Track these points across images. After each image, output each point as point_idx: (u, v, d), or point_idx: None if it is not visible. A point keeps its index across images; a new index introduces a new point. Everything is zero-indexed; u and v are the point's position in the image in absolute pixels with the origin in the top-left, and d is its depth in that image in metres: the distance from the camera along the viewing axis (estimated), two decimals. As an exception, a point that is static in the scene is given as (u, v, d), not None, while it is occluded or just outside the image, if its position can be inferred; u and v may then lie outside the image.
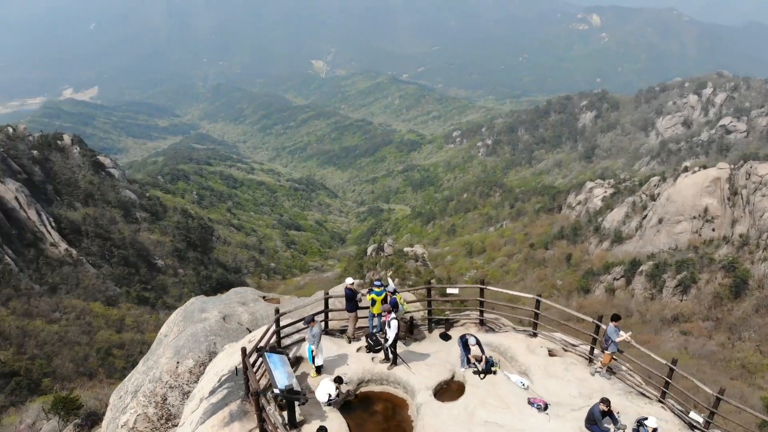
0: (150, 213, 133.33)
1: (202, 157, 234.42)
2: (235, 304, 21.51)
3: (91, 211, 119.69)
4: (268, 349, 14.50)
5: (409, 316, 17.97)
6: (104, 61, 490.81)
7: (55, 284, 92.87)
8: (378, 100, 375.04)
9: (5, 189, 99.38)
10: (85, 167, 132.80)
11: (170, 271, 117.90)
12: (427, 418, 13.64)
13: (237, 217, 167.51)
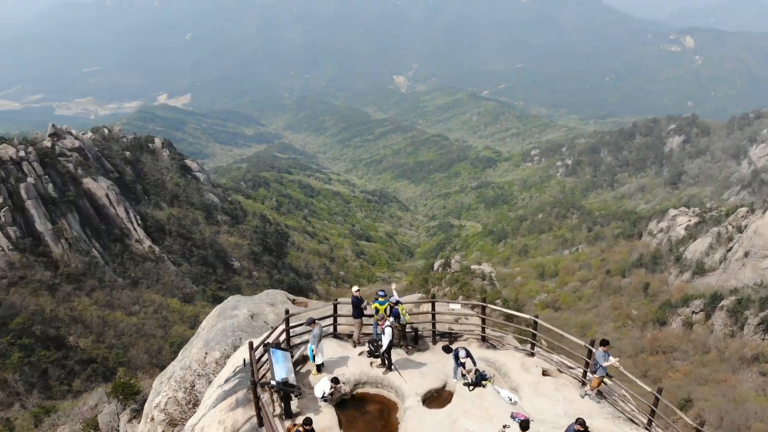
0: (230, 216, 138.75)
1: (283, 165, 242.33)
2: (264, 304, 22.74)
3: (176, 211, 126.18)
4: (273, 345, 15.61)
5: (414, 327, 18.72)
6: (198, 71, 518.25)
7: (137, 279, 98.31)
8: (456, 116, 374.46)
9: (97, 186, 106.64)
10: (173, 170, 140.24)
11: (245, 273, 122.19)
12: (411, 421, 14.69)
13: (311, 224, 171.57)
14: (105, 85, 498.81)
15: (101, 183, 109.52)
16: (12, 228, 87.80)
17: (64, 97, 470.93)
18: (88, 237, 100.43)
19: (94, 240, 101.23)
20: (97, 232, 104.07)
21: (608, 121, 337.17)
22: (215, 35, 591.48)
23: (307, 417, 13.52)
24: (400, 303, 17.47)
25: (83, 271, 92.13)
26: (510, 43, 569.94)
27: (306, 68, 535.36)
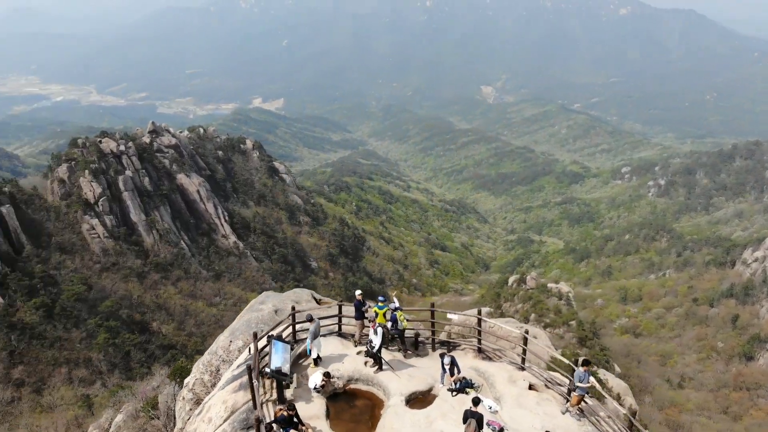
0: (312, 218, 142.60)
1: (365, 171, 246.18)
2: (289, 301, 23.78)
3: (261, 210, 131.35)
4: (276, 337, 16.79)
5: (416, 333, 19.65)
6: (291, 76, 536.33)
7: (220, 272, 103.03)
8: (543, 128, 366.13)
9: (189, 182, 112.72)
10: (262, 170, 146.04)
11: (321, 273, 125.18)
12: (389, 417, 15.68)
13: (388, 230, 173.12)
14: (204, 86, 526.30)
15: (193, 179, 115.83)
16: (109, 217, 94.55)
17: (166, 96, 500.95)
18: (178, 229, 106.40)
19: (183, 233, 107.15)
20: (187, 225, 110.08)
21: (707, 142, 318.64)
22: (310, 43, 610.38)
23: (291, 402, 15.20)
24: (399, 310, 18.54)
25: (171, 262, 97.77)
26: (605, 56, 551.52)
27: (394, 77, 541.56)
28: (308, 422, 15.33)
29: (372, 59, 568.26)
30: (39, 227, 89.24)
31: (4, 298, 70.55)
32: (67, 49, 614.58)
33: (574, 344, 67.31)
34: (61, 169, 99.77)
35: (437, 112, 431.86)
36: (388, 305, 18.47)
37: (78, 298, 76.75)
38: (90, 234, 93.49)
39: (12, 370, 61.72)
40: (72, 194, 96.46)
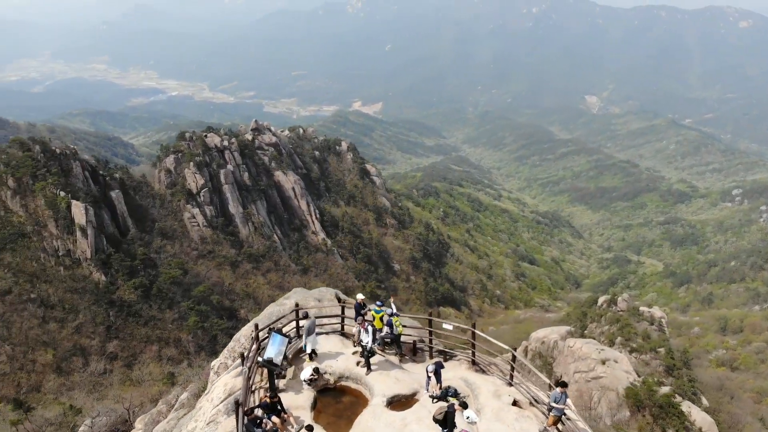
0: (398, 221, 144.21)
1: (455, 177, 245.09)
2: (312, 298, 24.89)
3: (350, 210, 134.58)
4: (276, 330, 17.76)
5: (414, 340, 20.12)
6: (392, 80, 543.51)
7: (308, 266, 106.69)
8: (650, 143, 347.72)
9: (286, 179, 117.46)
10: (354, 172, 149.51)
11: (403, 276, 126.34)
12: (367, 416, 16.32)
13: (474, 239, 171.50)
14: (308, 88, 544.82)
15: (290, 177, 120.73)
16: (209, 207, 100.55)
17: (273, 96, 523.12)
18: (272, 223, 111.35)
19: (276, 227, 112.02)
20: (280, 220, 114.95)
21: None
22: (412, 47, 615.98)
23: (274, 391, 16.37)
24: (395, 315, 19.06)
25: (263, 253, 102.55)
26: (721, 70, 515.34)
27: (494, 84, 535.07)
28: (293, 412, 16.33)
29: (472, 65, 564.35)
30: (144, 213, 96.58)
31: (106, 277, 77.11)
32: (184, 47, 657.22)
33: (659, 372, 63.82)
34: (169, 160, 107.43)
35: (536, 121, 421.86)
36: (384, 310, 19.17)
37: (174, 282, 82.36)
38: (190, 222, 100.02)
39: (108, 343, 67.42)
40: (177, 184, 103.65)
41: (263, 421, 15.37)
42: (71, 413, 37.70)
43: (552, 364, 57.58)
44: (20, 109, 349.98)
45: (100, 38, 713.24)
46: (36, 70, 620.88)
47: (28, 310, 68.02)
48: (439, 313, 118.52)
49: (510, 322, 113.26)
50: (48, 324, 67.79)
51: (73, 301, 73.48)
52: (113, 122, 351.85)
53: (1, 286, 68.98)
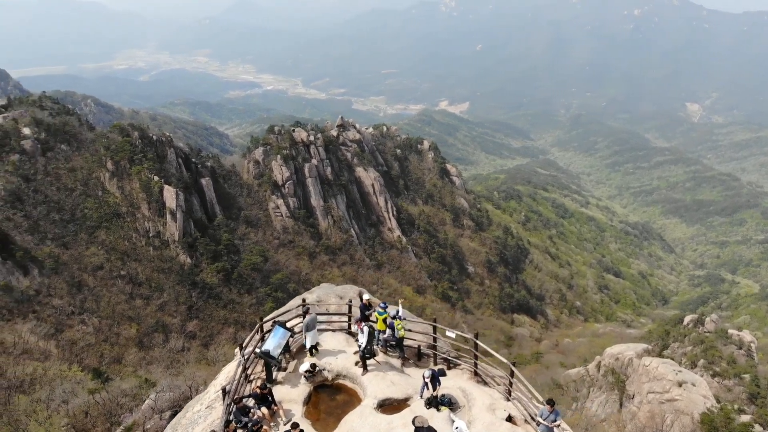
0: (475, 223, 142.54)
1: (540, 181, 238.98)
2: (333, 294, 24.78)
3: (428, 209, 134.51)
4: (279, 323, 18.06)
5: (418, 345, 19.77)
6: (480, 80, 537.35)
7: (381, 263, 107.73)
8: (755, 155, 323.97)
9: (366, 176, 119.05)
10: (434, 171, 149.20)
11: (477, 279, 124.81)
12: (354, 416, 16.30)
13: (556, 246, 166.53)
14: (397, 86, 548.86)
15: (370, 173, 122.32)
16: (292, 199, 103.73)
17: (362, 93, 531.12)
18: (350, 218, 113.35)
19: (354, 221, 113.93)
20: (358, 215, 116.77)
21: None
22: (503, 47, 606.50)
23: (264, 383, 16.54)
24: (398, 318, 18.77)
25: (340, 246, 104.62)
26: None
27: (588, 86, 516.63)
28: (285, 405, 16.51)
29: (566, 67, 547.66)
30: (232, 201, 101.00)
31: (191, 259, 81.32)
32: (281, 43, 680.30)
33: (742, 399, 59.49)
34: (258, 152, 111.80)
35: (631, 127, 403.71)
36: (388, 312, 19.00)
37: (254, 268, 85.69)
38: (274, 212, 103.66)
39: (188, 323, 71.13)
40: (264, 175, 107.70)
41: (251, 411, 15.56)
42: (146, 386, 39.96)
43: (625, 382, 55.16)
44: (127, 96, 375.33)
45: (203, 32, 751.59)
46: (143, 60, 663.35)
47: (117, 286, 72.99)
48: (512, 320, 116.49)
49: (587, 335, 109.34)
50: (134, 300, 72.44)
51: (159, 280, 78.08)
52: (211, 113, 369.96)
53: (95, 261, 74.41)
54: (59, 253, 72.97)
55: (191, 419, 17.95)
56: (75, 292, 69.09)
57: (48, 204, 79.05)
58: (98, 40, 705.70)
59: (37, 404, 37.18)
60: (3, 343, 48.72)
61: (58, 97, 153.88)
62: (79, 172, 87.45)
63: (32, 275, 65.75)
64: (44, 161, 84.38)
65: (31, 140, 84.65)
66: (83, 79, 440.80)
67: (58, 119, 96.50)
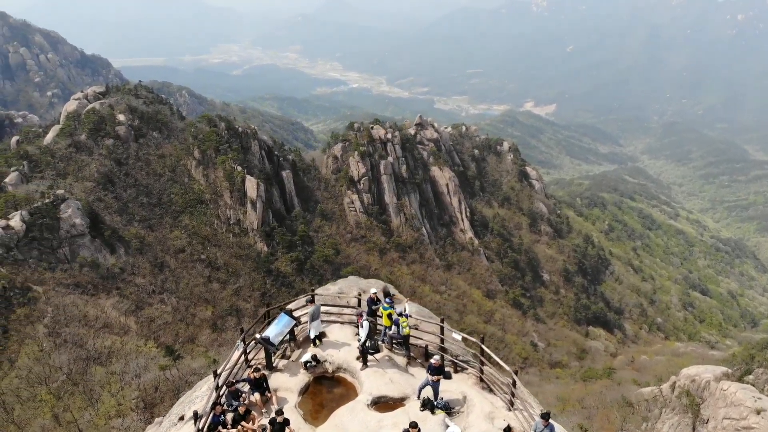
0: (554, 229, 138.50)
1: (628, 190, 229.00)
2: (356, 288, 24.40)
3: (503, 212, 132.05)
4: (286, 311, 18.09)
5: (425, 344, 19.15)
6: (568, 82, 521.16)
7: (451, 263, 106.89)
8: None
9: (441, 175, 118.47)
10: (512, 173, 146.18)
11: (552, 288, 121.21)
12: (344, 411, 16.16)
13: (640, 258, 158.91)
14: (481, 86, 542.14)
15: (445, 173, 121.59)
16: (367, 195, 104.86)
17: (445, 92, 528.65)
18: (422, 216, 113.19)
19: (426, 220, 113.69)
20: (430, 214, 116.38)
21: None
22: (595, 49, 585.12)
23: (257, 366, 16.58)
24: (403, 315, 17.99)
25: (410, 244, 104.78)
26: None
27: (684, 93, 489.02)
28: (282, 393, 16.44)
29: (662, 72, 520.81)
30: (309, 194, 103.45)
31: (268, 247, 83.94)
32: (369, 41, 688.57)
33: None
34: (337, 147, 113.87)
35: (730, 137, 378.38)
36: (394, 309, 18.27)
37: (326, 260, 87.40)
38: (349, 207, 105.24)
39: (260, 308, 73.28)
40: (341, 170, 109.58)
41: (243, 396, 15.62)
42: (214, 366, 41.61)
43: (699, 406, 51.81)
44: (220, 89, 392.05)
45: (295, 29, 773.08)
46: (237, 54, 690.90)
47: (196, 269, 76.49)
48: (587, 333, 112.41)
49: (666, 354, 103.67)
50: (212, 283, 75.62)
51: (236, 266, 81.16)
52: (298, 108, 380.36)
53: (177, 244, 78.31)
54: (145, 234, 77.34)
55: (194, 397, 18.43)
56: (157, 272, 73.02)
57: (137, 187, 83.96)
58: (196, 34, 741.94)
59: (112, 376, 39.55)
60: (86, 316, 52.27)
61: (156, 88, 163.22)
62: (168, 158, 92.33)
63: (118, 254, 70.06)
64: (136, 147, 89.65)
65: (125, 126, 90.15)
66: (180, 71, 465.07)
67: (152, 108, 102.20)
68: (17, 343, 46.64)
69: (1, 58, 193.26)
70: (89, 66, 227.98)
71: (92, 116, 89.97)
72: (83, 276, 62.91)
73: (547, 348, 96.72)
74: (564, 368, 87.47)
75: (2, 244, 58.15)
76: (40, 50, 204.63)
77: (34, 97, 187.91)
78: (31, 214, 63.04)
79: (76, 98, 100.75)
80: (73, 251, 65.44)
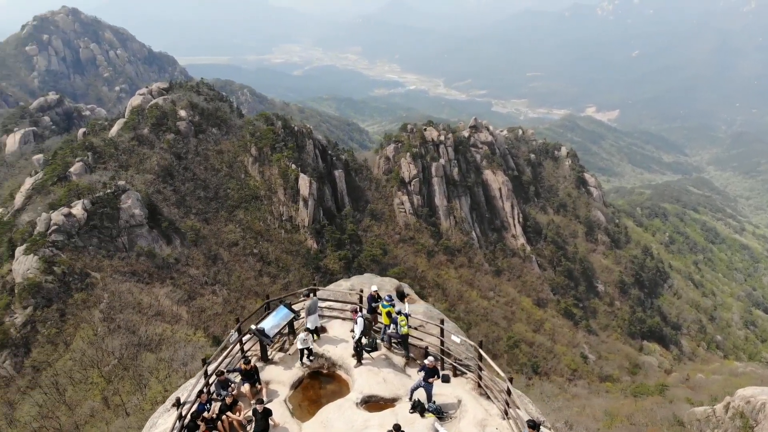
0: (611, 239, 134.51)
1: (691, 201, 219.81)
2: (368, 284, 23.64)
3: (558, 219, 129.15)
4: (285, 303, 17.75)
5: (425, 345, 18.25)
6: (633, 88, 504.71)
7: (501, 269, 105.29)
8: None
9: (494, 179, 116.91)
10: (570, 180, 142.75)
11: (606, 299, 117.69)
12: (331, 408, 15.79)
13: (701, 273, 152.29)
14: (541, 90, 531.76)
15: (498, 177, 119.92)
16: (417, 197, 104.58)
17: (503, 95, 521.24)
18: (472, 220, 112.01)
19: (476, 224, 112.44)
20: (481, 218, 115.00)
21: None
22: (661, 55, 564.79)
23: (248, 358, 16.34)
24: (401, 314, 17.55)
25: (459, 248, 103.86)
26: None
27: (755, 102, 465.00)
28: (273, 384, 16.18)
29: (731, 80, 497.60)
30: (360, 193, 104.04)
31: (318, 245, 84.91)
32: (427, 43, 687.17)
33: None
34: (389, 148, 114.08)
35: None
36: (392, 307, 17.65)
37: (373, 259, 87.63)
38: (398, 208, 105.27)
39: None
40: (392, 171, 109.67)
41: (231, 386, 15.44)
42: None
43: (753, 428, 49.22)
44: (281, 89, 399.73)
45: (356, 30, 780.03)
46: (298, 55, 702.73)
47: (248, 263, 78.16)
48: (641, 347, 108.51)
49: (724, 373, 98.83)
50: (262, 277, 77.07)
51: (286, 261, 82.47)
52: (355, 109, 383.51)
53: (231, 238, 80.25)
54: (200, 227, 79.64)
55: (189, 385, 18.43)
56: (210, 264, 75.04)
57: (195, 181, 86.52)
58: (260, 34, 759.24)
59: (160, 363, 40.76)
60: (140, 303, 54.15)
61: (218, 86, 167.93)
62: (225, 154, 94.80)
63: (174, 245, 72.35)
64: (196, 142, 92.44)
65: (186, 122, 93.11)
66: (243, 70, 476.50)
67: (212, 105, 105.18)
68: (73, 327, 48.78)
69: (73, 53, 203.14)
70: (156, 63, 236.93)
71: (155, 111, 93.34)
72: (139, 265, 65.27)
73: (597, 361, 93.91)
74: (614, 382, 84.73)
75: (64, 231, 61.00)
76: (109, 46, 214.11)
77: (103, 91, 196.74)
78: (93, 203, 65.90)
79: (140, 93, 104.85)
80: (131, 240, 68.00)
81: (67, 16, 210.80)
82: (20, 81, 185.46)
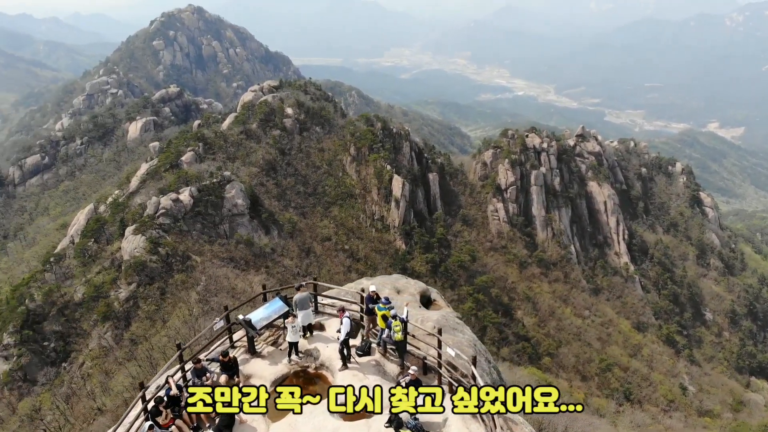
0: (725, 264, 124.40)
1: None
2: (390, 286, 23.08)
3: (668, 239, 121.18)
4: (281, 296, 17.30)
5: (423, 356, 16.85)
6: (761, 104, 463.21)
7: (600, 288, 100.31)
8: None
9: (599, 192, 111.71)
10: (683, 198, 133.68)
11: (714, 329, 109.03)
12: (306, 410, 14.55)
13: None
14: (659, 102, 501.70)
15: (604, 190, 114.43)
16: (513, 205, 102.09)
17: (618, 105, 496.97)
18: (572, 233, 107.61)
19: (576, 238, 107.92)
20: (582, 232, 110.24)
21: None
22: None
23: (225, 350, 15.96)
24: (397, 318, 16.07)
25: (555, 262, 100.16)
26: None
27: None
28: (254, 380, 15.67)
29: None
30: (453, 198, 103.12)
31: (406, 246, 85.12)
32: (539, 48, 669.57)
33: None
34: (487, 154, 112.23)
35: None
36: (388, 310, 16.25)
37: (461, 265, 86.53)
38: (492, 215, 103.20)
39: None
40: (488, 177, 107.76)
41: (207, 375, 14.88)
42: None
43: None
44: (388, 92, 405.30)
45: (467, 35, 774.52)
46: (407, 59, 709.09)
47: (338, 258, 79.86)
48: (748, 383, 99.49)
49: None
50: (350, 273, 78.20)
51: (374, 260, 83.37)
52: (459, 114, 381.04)
53: (325, 233, 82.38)
54: (297, 220, 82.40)
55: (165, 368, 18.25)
56: (303, 256, 77.40)
57: (296, 176, 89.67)
58: (373, 38, 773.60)
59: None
60: (234, 288, 56.71)
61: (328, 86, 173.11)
62: (326, 152, 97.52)
63: (272, 235, 75.30)
64: (299, 139, 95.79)
65: (292, 119, 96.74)
66: (354, 72, 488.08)
67: (317, 104, 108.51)
68: (171, 305, 51.98)
69: (196, 49, 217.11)
70: (272, 62, 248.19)
71: (264, 107, 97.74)
72: (238, 252, 68.53)
73: (698, 393, 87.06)
74: (714, 418, 78.23)
75: (171, 215, 65.30)
76: (230, 44, 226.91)
77: (222, 87, 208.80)
78: (200, 190, 70.04)
79: (252, 90, 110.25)
80: (232, 228, 71.57)
81: (193, 14, 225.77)
82: (147, 73, 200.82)
